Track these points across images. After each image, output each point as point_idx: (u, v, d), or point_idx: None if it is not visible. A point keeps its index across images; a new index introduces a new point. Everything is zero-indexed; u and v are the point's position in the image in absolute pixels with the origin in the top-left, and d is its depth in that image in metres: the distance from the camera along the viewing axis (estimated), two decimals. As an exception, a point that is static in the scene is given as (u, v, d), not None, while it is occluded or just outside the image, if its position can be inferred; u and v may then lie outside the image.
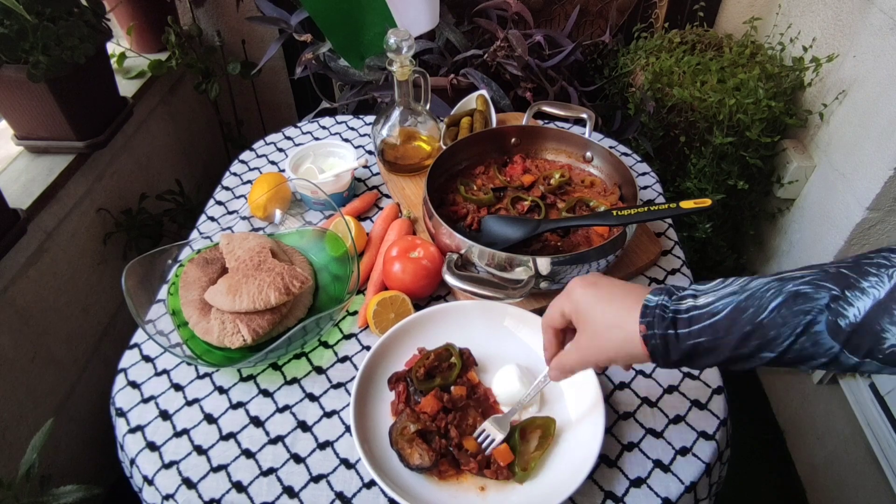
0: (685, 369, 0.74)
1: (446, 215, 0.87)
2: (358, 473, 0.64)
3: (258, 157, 1.12)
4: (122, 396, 0.72)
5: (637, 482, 0.63)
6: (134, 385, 0.73)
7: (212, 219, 0.98)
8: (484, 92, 1.10)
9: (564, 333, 0.56)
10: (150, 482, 0.65)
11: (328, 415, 0.70)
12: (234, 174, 1.08)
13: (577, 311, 0.51)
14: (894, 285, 0.37)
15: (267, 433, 0.68)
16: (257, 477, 0.64)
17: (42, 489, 0.84)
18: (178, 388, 0.73)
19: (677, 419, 0.69)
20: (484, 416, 0.66)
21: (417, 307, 0.79)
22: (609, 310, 0.49)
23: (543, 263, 0.73)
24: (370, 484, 0.63)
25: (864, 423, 1.16)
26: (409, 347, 0.73)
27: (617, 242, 0.77)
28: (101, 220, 1.33)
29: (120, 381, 0.74)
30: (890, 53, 1.10)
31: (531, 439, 0.64)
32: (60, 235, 1.20)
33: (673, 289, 0.48)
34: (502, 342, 0.75)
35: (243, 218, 0.95)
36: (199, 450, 0.67)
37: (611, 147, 1.07)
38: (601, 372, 0.56)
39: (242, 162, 1.11)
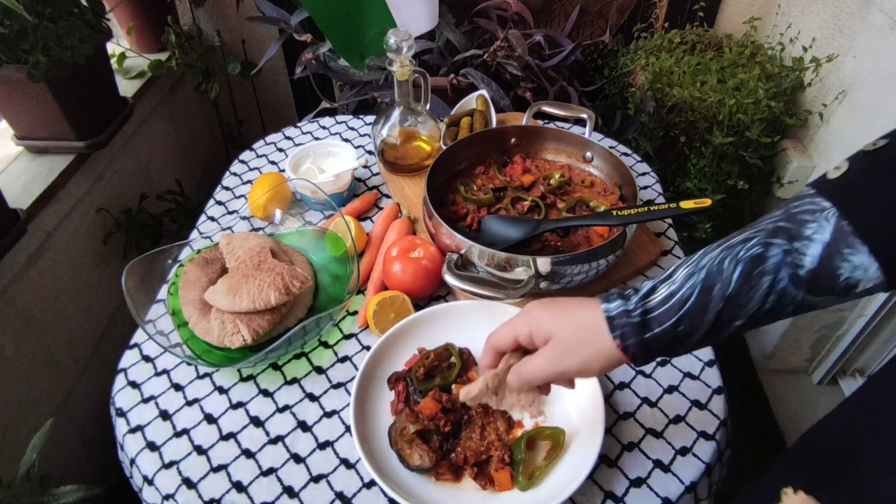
0: (686, 369, 0.74)
1: (446, 215, 0.87)
2: (358, 473, 0.64)
3: (258, 157, 1.12)
4: (122, 396, 0.72)
5: (637, 482, 0.63)
6: (134, 385, 0.73)
7: (212, 219, 0.98)
8: (484, 92, 1.10)
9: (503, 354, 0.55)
10: (150, 482, 0.65)
11: (328, 415, 0.70)
12: (234, 174, 1.08)
13: (539, 330, 0.50)
14: (834, 225, 0.39)
15: (267, 433, 0.68)
16: (257, 477, 0.64)
17: (42, 489, 0.84)
18: (178, 388, 0.73)
19: (677, 419, 0.69)
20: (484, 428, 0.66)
21: (417, 307, 0.79)
22: (572, 324, 0.48)
23: (543, 263, 0.73)
24: (370, 484, 0.63)
25: (864, 423, 1.16)
26: (409, 347, 0.73)
27: (617, 242, 0.77)
28: (101, 220, 1.33)
29: (120, 381, 0.74)
30: (890, 53, 1.10)
31: (538, 449, 0.64)
32: (60, 235, 1.20)
33: (621, 291, 0.48)
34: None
35: (243, 218, 0.95)
36: (199, 450, 0.67)
37: (611, 147, 1.07)
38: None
39: (242, 162, 1.11)
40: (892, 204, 0.38)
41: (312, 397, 0.72)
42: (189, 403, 0.71)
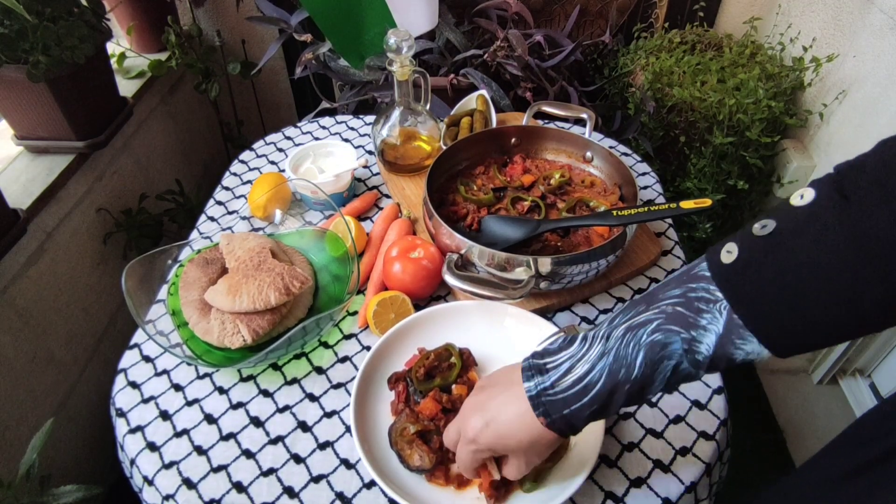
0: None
1: (446, 215, 0.87)
2: (358, 474, 0.64)
3: (258, 157, 1.12)
4: (122, 397, 0.72)
5: (637, 482, 0.63)
6: (134, 385, 0.73)
7: (212, 219, 0.98)
8: (484, 92, 1.10)
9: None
10: (150, 482, 0.65)
11: (328, 415, 0.70)
12: (234, 174, 1.08)
13: (493, 448, 0.52)
14: (727, 319, 0.42)
15: (267, 433, 0.68)
16: (257, 477, 0.64)
17: (42, 489, 0.84)
18: (178, 388, 0.73)
19: (677, 419, 0.69)
20: None
21: (417, 307, 0.79)
22: (502, 412, 0.51)
23: (543, 263, 0.73)
24: (370, 484, 0.63)
25: (864, 423, 1.16)
26: (409, 347, 0.73)
27: (617, 242, 0.77)
28: (101, 220, 1.33)
29: (120, 381, 0.74)
30: (890, 53, 1.10)
31: None
32: (60, 235, 1.20)
33: (540, 364, 0.50)
34: (502, 342, 0.75)
35: (243, 218, 0.95)
36: (200, 450, 0.67)
37: (611, 147, 1.07)
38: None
39: (242, 162, 1.11)
40: (778, 295, 0.39)
41: (312, 397, 0.72)
42: (189, 404, 0.71)
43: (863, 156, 0.40)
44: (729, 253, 0.42)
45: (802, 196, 0.40)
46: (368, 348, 0.76)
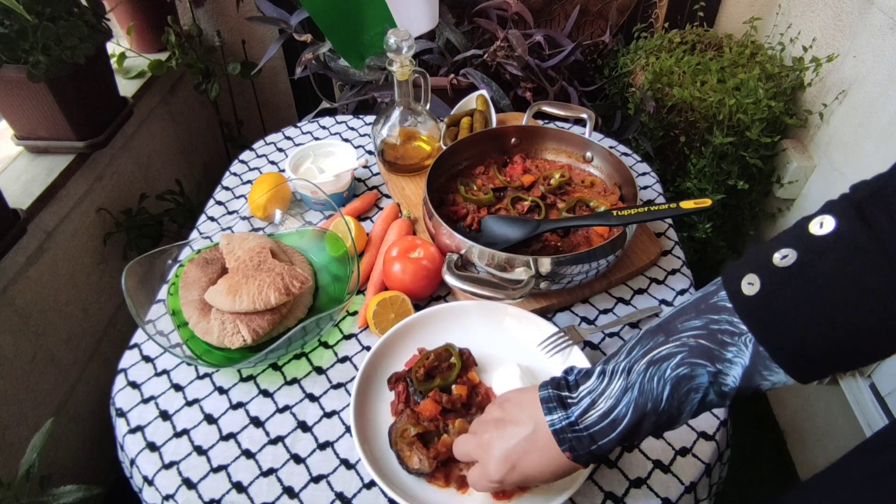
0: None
1: (446, 215, 0.87)
2: (358, 474, 0.64)
3: (258, 157, 1.12)
4: (122, 396, 0.72)
5: (637, 482, 0.63)
6: (134, 385, 0.73)
7: (212, 219, 0.98)
8: (484, 92, 1.10)
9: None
10: (150, 482, 0.65)
11: (328, 415, 0.70)
12: (234, 174, 1.08)
13: (518, 485, 0.53)
14: (752, 351, 0.42)
15: (267, 433, 0.68)
16: (257, 477, 0.64)
17: (42, 489, 0.84)
18: (178, 388, 0.73)
19: (677, 419, 0.69)
20: None
21: (417, 307, 0.79)
22: (519, 437, 0.51)
23: (543, 263, 0.73)
24: (370, 484, 0.63)
25: (865, 423, 1.16)
26: (409, 347, 0.73)
27: (617, 242, 0.77)
28: (101, 220, 1.33)
29: (120, 381, 0.74)
30: (890, 53, 1.10)
31: None
32: (60, 235, 1.20)
33: (562, 396, 0.50)
34: (502, 342, 0.75)
35: (243, 218, 0.95)
36: (200, 450, 0.67)
37: (611, 147, 1.07)
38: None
39: (242, 162, 1.11)
40: (805, 327, 0.39)
41: (312, 398, 0.72)
42: (189, 404, 0.71)
43: (882, 178, 0.40)
44: (751, 285, 0.42)
45: (822, 224, 0.40)
46: (368, 348, 0.76)
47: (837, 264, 0.38)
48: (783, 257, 0.41)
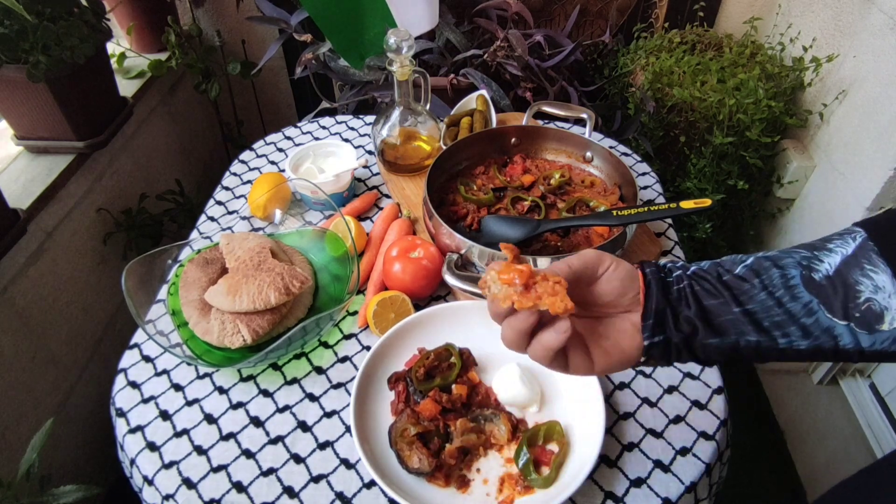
0: (686, 369, 0.74)
1: (446, 215, 0.87)
2: (358, 473, 0.64)
3: (258, 157, 1.12)
4: (122, 396, 0.72)
5: (637, 482, 0.63)
6: (134, 385, 0.73)
7: (212, 219, 0.98)
8: (484, 92, 1.10)
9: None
10: (150, 482, 0.65)
11: (328, 415, 0.70)
12: (234, 174, 1.08)
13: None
14: (860, 244, 0.39)
15: (267, 433, 0.68)
16: (257, 477, 0.64)
17: (42, 489, 0.84)
18: (178, 388, 0.73)
19: (677, 419, 0.69)
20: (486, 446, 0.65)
21: (417, 307, 0.79)
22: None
23: (543, 263, 0.73)
24: (370, 484, 0.63)
25: (865, 423, 1.16)
26: (409, 347, 0.73)
27: (617, 242, 0.77)
28: (101, 220, 1.32)
29: (120, 381, 0.74)
30: (890, 53, 1.10)
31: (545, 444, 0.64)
32: (60, 235, 1.19)
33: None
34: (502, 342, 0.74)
35: (243, 218, 0.95)
36: (200, 450, 0.67)
37: (611, 147, 1.07)
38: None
39: (242, 162, 1.11)
40: None
41: (312, 397, 0.72)
42: (189, 404, 0.71)
43: None
44: (882, 208, 0.42)
45: None
46: (368, 348, 0.76)
47: None
48: None
